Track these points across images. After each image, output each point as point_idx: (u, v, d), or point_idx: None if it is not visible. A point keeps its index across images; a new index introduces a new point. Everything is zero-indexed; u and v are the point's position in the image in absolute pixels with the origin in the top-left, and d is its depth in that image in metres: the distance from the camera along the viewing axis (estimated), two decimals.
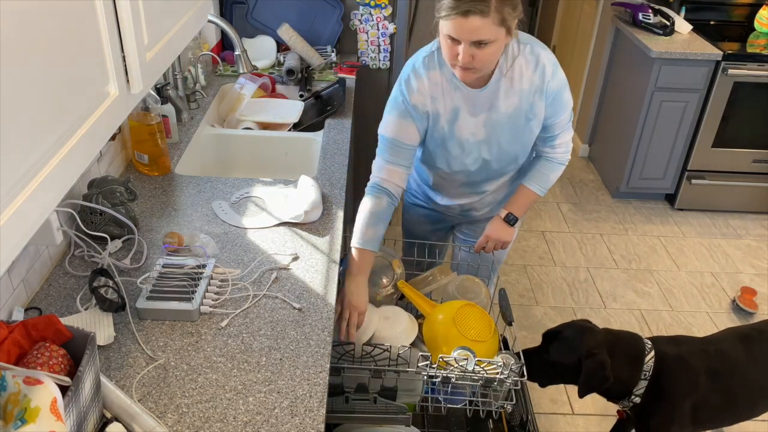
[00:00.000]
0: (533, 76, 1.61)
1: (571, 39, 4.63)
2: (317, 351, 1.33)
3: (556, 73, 1.63)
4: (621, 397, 1.82)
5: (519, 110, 1.66)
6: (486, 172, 1.81)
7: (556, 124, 1.71)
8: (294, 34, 2.67)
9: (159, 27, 1.11)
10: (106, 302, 1.35)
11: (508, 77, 1.62)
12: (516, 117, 1.67)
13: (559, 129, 1.73)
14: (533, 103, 1.65)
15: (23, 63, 0.69)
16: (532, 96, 1.64)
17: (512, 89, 1.63)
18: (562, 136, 1.75)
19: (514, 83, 1.62)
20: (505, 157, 1.76)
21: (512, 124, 1.68)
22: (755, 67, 3.31)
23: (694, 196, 3.73)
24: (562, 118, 1.70)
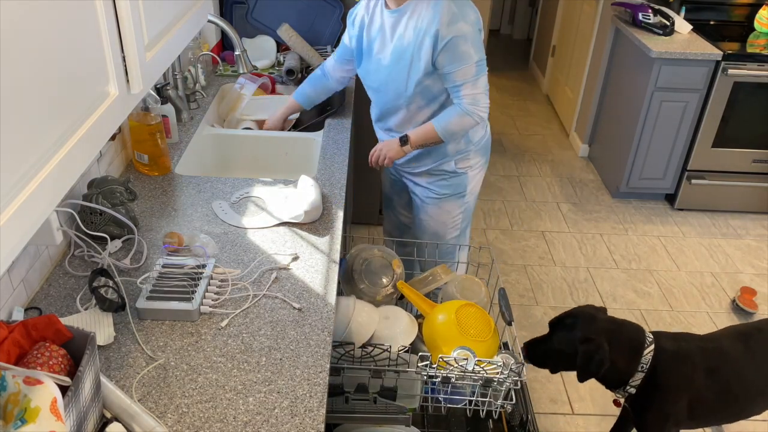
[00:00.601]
0: (429, 16, 1.77)
1: (571, 39, 4.63)
2: (317, 351, 1.33)
3: (454, 23, 1.75)
4: (617, 386, 1.82)
5: (408, 47, 1.83)
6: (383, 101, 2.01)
7: (454, 74, 1.81)
8: (294, 34, 2.67)
9: (159, 27, 1.11)
10: (106, 302, 1.35)
11: (409, 11, 1.81)
12: (402, 52, 1.85)
13: (460, 79, 1.82)
14: (422, 43, 1.80)
15: (23, 63, 0.69)
16: (422, 36, 1.79)
17: (409, 24, 1.82)
18: (466, 88, 1.84)
19: (413, 16, 1.81)
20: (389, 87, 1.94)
21: (396, 57, 1.87)
22: (755, 67, 3.31)
23: (694, 196, 3.73)
24: (461, 69, 1.80)
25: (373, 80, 2.01)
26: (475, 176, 2.13)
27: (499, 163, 4.24)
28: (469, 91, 1.84)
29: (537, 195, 3.90)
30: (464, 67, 1.80)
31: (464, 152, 2.06)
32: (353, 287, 1.75)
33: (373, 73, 1.99)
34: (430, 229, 2.19)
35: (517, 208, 3.74)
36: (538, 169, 4.19)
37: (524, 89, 5.49)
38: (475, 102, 1.86)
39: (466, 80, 1.83)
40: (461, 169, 2.09)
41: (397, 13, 1.85)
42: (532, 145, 4.51)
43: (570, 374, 2.61)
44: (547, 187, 4.00)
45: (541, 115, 5.01)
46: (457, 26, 1.76)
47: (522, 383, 1.87)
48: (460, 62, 1.79)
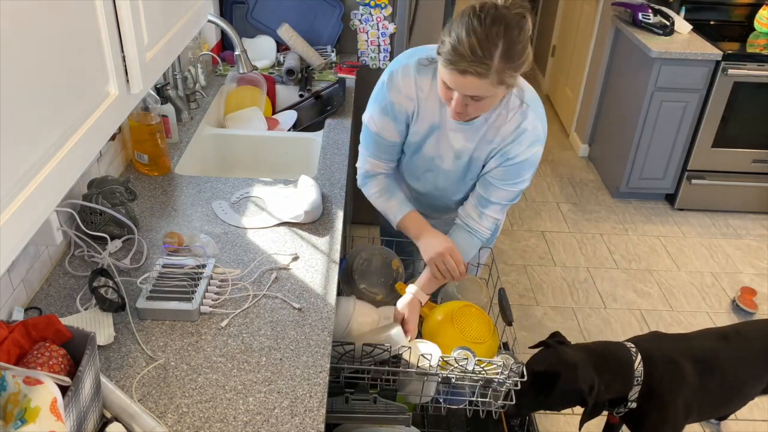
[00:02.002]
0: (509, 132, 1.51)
1: (571, 39, 4.62)
2: (317, 351, 1.33)
3: (534, 146, 1.52)
4: (617, 405, 1.83)
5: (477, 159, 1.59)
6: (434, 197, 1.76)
7: (498, 190, 1.58)
8: (294, 34, 2.67)
9: (159, 27, 1.11)
10: (106, 302, 1.35)
11: (492, 126, 1.53)
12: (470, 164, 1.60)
13: (496, 198, 1.59)
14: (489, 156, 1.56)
15: (23, 63, 0.69)
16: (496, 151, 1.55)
17: (486, 135, 1.54)
18: (494, 209, 1.61)
19: (490, 130, 1.53)
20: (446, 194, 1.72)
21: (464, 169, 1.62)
22: (755, 67, 3.31)
23: (694, 196, 3.73)
24: (507, 190, 1.58)
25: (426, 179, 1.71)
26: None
27: None
28: (497, 214, 1.62)
29: (537, 195, 3.90)
30: (509, 190, 1.57)
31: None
32: (353, 287, 1.75)
33: (426, 172, 1.69)
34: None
35: (517, 208, 3.74)
36: (538, 169, 4.19)
37: None
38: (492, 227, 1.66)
39: (501, 203, 1.60)
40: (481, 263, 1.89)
41: (469, 125, 1.53)
42: None
43: None
44: (547, 187, 4.00)
45: None
46: (535, 149, 1.51)
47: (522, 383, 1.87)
48: (511, 183, 1.56)
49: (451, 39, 1.32)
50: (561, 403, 1.76)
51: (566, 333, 2.82)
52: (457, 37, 1.31)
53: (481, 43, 1.28)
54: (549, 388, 1.73)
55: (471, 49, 1.29)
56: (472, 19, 1.30)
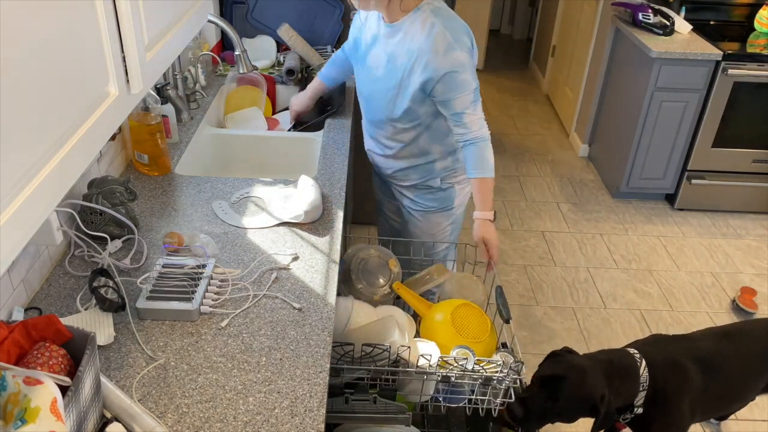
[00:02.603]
0: (420, 44, 1.73)
1: (571, 39, 4.63)
2: (317, 351, 1.33)
3: (450, 52, 1.70)
4: (624, 411, 1.83)
5: (399, 68, 1.80)
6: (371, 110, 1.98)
7: (453, 101, 1.77)
8: (294, 34, 2.67)
9: (159, 27, 1.11)
10: (106, 302, 1.35)
11: (404, 29, 1.77)
12: (393, 71, 1.82)
13: (460, 107, 1.78)
14: (413, 70, 1.77)
15: (23, 63, 0.69)
16: (414, 62, 1.76)
17: (403, 42, 1.77)
18: (468, 116, 1.79)
19: (407, 36, 1.76)
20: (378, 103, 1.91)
21: (387, 74, 1.83)
22: (755, 67, 3.31)
23: (694, 196, 3.73)
24: (460, 97, 1.76)
25: (364, 89, 1.98)
26: (462, 189, 2.09)
27: (499, 163, 4.23)
28: (472, 117, 1.79)
29: (537, 195, 3.90)
30: (463, 95, 1.76)
31: (451, 169, 2.03)
32: (350, 287, 1.75)
33: (365, 81, 1.95)
34: (420, 239, 2.14)
35: (517, 208, 3.74)
36: (538, 169, 4.19)
37: (524, 89, 5.49)
38: (482, 125, 1.82)
39: (466, 108, 1.78)
40: (448, 184, 2.05)
41: (392, 28, 1.81)
42: (532, 145, 4.51)
43: None
44: (547, 187, 4.00)
45: (541, 115, 5.01)
46: (453, 55, 1.71)
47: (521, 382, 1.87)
48: (458, 91, 1.75)
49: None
50: (571, 409, 1.72)
51: (566, 333, 2.82)
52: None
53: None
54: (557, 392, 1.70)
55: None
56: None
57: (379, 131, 2.02)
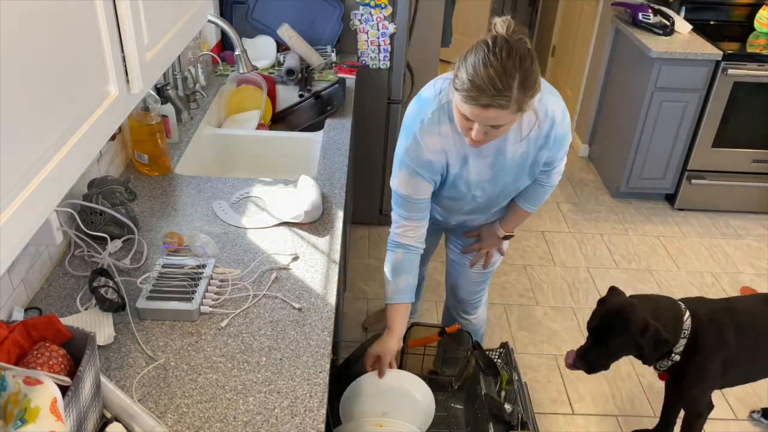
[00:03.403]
0: (543, 125, 1.59)
1: (571, 39, 4.62)
2: (317, 351, 1.33)
3: (564, 120, 1.62)
4: (662, 358, 1.92)
5: (526, 156, 1.64)
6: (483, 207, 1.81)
7: (557, 158, 1.72)
8: (294, 34, 2.67)
9: (159, 27, 1.11)
10: (106, 302, 1.35)
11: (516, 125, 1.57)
12: (522, 162, 1.66)
13: (558, 162, 1.74)
14: (540, 148, 1.63)
15: (23, 63, 0.69)
16: (541, 141, 1.62)
17: (520, 135, 1.60)
18: (559, 165, 1.77)
19: (522, 130, 1.59)
20: (504, 194, 1.77)
21: (518, 168, 1.67)
22: (755, 67, 3.31)
23: (694, 196, 3.73)
24: (563, 152, 1.72)
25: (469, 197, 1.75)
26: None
27: None
28: (561, 166, 1.77)
29: None
30: (564, 150, 1.71)
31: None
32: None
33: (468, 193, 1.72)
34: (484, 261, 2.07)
35: None
36: None
37: None
38: (561, 171, 1.79)
39: (562, 158, 1.75)
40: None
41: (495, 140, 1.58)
42: None
43: (570, 374, 2.61)
44: None
45: None
46: (566, 121, 1.62)
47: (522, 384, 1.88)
48: (564, 149, 1.69)
49: (469, 74, 1.35)
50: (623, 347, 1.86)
51: (566, 333, 2.82)
52: (474, 71, 1.34)
53: (500, 77, 1.32)
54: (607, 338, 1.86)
55: (491, 83, 1.33)
56: (488, 54, 1.34)
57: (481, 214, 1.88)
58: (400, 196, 1.66)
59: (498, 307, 2.94)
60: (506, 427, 1.70)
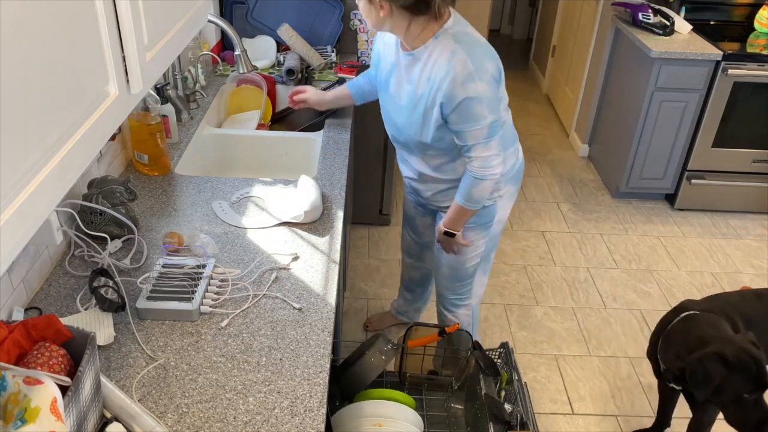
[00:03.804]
0: (441, 71, 1.66)
1: (571, 39, 4.63)
2: (317, 351, 1.33)
3: (469, 82, 1.62)
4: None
5: (422, 97, 1.74)
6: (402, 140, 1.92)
7: (465, 133, 1.71)
8: (294, 34, 2.67)
9: (159, 27, 1.11)
10: (106, 302, 1.35)
11: (424, 58, 1.70)
12: (417, 100, 1.76)
13: (471, 140, 1.71)
14: (435, 98, 1.70)
15: (23, 63, 0.69)
16: (435, 91, 1.69)
17: (423, 72, 1.71)
18: (476, 150, 1.73)
19: (427, 64, 1.70)
20: (406, 131, 1.86)
21: (415, 103, 1.77)
22: (755, 67, 3.31)
23: (694, 196, 3.73)
24: (473, 130, 1.69)
25: (391, 116, 1.90)
26: (504, 205, 2.01)
27: None
28: (480, 153, 1.73)
29: (537, 195, 3.90)
30: (476, 129, 1.69)
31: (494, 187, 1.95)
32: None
33: (391, 111, 1.89)
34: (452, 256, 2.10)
35: (517, 208, 3.74)
36: (538, 169, 4.19)
37: (524, 89, 5.49)
38: (486, 165, 1.75)
39: (478, 142, 1.71)
40: (490, 200, 1.96)
41: (411, 56, 1.73)
42: (532, 145, 4.51)
43: (570, 374, 2.61)
44: (547, 187, 4.00)
45: (541, 115, 5.01)
46: (472, 86, 1.62)
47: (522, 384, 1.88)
48: (472, 123, 1.68)
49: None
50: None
51: (566, 333, 2.82)
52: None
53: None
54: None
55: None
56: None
57: (412, 156, 1.95)
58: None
59: (498, 307, 2.94)
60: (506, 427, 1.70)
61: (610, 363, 2.68)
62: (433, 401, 1.93)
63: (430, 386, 1.96)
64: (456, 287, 2.18)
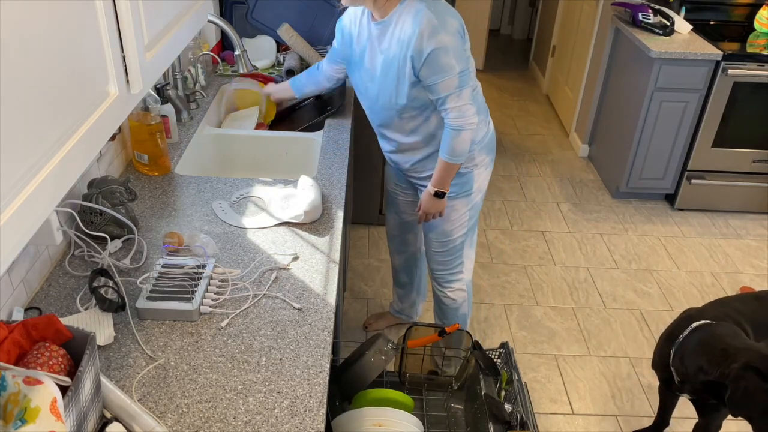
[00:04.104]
0: (410, 29, 1.75)
1: (571, 39, 4.63)
2: (317, 351, 1.33)
3: (434, 35, 1.72)
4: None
5: (394, 59, 1.82)
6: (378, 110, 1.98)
7: (437, 85, 1.79)
8: (294, 34, 2.67)
9: (159, 27, 1.11)
10: (106, 302, 1.35)
11: (393, 23, 1.80)
12: (389, 64, 1.84)
13: (444, 91, 1.80)
14: (405, 56, 1.78)
15: (23, 63, 0.69)
16: (405, 48, 1.77)
17: (393, 35, 1.80)
18: (450, 101, 1.81)
19: (396, 28, 1.79)
20: (382, 98, 1.92)
21: (385, 69, 1.86)
22: (755, 67, 3.31)
23: (694, 196, 3.73)
24: (444, 81, 1.78)
25: (366, 91, 1.99)
26: (480, 174, 2.11)
27: (499, 163, 4.24)
28: (454, 103, 1.82)
29: (537, 195, 3.90)
30: (447, 79, 1.78)
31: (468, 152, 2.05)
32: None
33: (367, 83, 1.97)
34: (438, 227, 2.18)
35: (517, 208, 3.74)
36: (538, 169, 4.19)
37: (524, 89, 5.49)
38: (461, 114, 1.83)
39: (450, 92, 1.80)
40: (466, 168, 2.06)
41: (382, 24, 1.83)
42: (532, 145, 4.51)
43: (570, 374, 2.61)
44: (547, 187, 4.00)
45: (541, 115, 5.01)
46: (437, 38, 1.73)
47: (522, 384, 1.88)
48: (442, 74, 1.77)
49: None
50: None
51: (566, 333, 2.82)
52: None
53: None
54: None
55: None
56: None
57: (389, 128, 2.02)
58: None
59: (498, 307, 2.94)
60: (506, 427, 1.70)
61: (610, 363, 2.68)
62: (433, 401, 1.93)
63: (430, 386, 1.96)
64: (447, 261, 2.25)
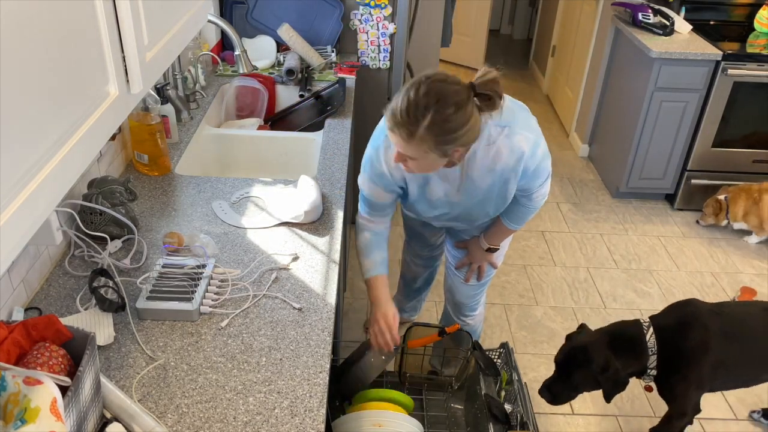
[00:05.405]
0: (509, 160, 1.59)
1: (571, 39, 4.62)
2: (317, 351, 1.33)
3: (535, 154, 1.61)
4: (641, 375, 1.98)
5: (493, 185, 1.67)
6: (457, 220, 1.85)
7: (534, 186, 1.72)
8: (294, 34, 2.67)
9: (159, 27, 1.11)
10: (106, 302, 1.35)
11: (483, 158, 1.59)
12: (489, 191, 1.69)
13: (537, 189, 1.73)
14: (508, 179, 1.65)
15: (23, 63, 0.69)
16: (507, 174, 1.63)
17: (487, 170, 1.62)
18: (539, 191, 1.75)
19: (489, 165, 1.61)
20: (475, 215, 1.80)
21: (485, 195, 1.70)
22: (755, 67, 3.31)
23: (694, 196, 3.73)
24: (539, 181, 1.71)
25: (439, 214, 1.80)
26: None
27: None
28: (542, 191, 1.75)
29: None
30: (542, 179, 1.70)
31: None
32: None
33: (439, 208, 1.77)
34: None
35: None
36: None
37: (524, 89, 5.49)
38: (545, 194, 1.78)
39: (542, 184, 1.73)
40: None
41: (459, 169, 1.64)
42: None
43: None
44: None
45: (541, 115, 5.01)
46: (537, 153, 1.61)
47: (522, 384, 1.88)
48: (540, 178, 1.69)
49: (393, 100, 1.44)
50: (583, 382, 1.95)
51: (566, 333, 2.81)
52: (395, 100, 1.43)
53: (410, 109, 1.39)
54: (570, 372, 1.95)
55: (400, 112, 1.40)
56: (413, 86, 1.40)
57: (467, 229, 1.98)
58: (363, 195, 1.75)
59: (498, 307, 2.94)
60: (506, 427, 1.70)
61: None
62: (433, 401, 1.94)
63: (430, 386, 1.96)
64: (478, 294, 2.19)
